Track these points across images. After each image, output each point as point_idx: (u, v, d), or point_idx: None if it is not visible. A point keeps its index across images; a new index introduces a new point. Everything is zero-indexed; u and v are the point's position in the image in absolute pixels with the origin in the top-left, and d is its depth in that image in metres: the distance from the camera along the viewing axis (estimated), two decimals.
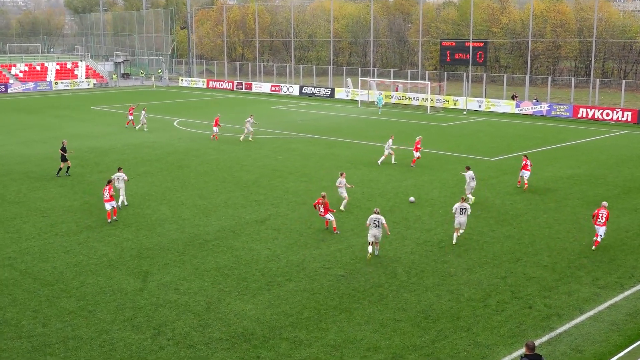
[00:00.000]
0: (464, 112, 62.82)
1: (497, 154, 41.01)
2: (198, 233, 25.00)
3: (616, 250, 23.24)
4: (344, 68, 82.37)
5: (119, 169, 28.72)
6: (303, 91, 79.13)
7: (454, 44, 70.42)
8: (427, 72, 76.22)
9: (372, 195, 30.41)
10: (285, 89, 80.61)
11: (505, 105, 62.96)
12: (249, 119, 45.44)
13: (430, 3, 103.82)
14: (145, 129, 49.64)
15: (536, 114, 60.91)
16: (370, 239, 21.98)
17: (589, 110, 58.39)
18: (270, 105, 68.74)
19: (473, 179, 29.07)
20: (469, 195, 28.88)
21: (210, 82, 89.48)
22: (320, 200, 24.75)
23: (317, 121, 56.31)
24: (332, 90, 76.41)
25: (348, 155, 40.11)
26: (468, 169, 29.36)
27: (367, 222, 22.06)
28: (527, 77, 66.95)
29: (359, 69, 79.83)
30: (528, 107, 61.63)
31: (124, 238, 24.44)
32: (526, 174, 31.64)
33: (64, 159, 34.26)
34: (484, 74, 69.19)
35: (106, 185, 26.11)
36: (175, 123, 53.71)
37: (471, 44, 67.64)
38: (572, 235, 24.81)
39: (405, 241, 24.08)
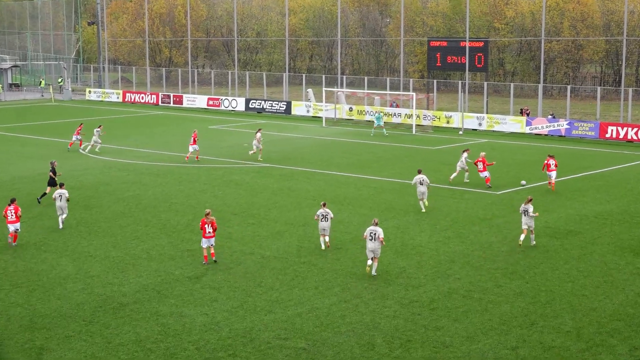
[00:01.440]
0: (460, 133, 63.52)
1: (503, 187, 41.42)
2: (111, 294, 24.68)
3: None
4: (304, 76, 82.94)
5: (61, 185, 32.51)
6: (250, 106, 79.29)
7: (445, 43, 71.43)
8: (411, 80, 77.00)
9: (342, 241, 30.43)
10: (226, 102, 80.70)
11: (513, 123, 63.83)
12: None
13: None
14: (97, 149, 52.06)
15: (552, 133, 61.82)
16: (369, 254, 26.15)
17: (619, 128, 59.43)
18: (207, 125, 68.65)
19: (422, 183, 34.89)
20: (424, 201, 35.21)
21: (128, 95, 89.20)
22: (205, 220, 26.96)
23: (268, 145, 56.35)
24: (288, 105, 76.75)
25: (310, 190, 40.15)
26: (419, 172, 35.44)
27: (365, 234, 26.39)
28: (540, 86, 67.86)
29: (323, 76, 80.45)
30: (542, 126, 62.54)
31: (11, 303, 24.00)
32: (553, 174, 39.25)
33: (52, 183, 36.51)
34: (485, 83, 70.08)
35: (9, 205, 29.25)
36: (81, 149, 53.28)
37: (467, 44, 68.61)
38: (602, 291, 25.05)
39: (385, 301, 24.05)
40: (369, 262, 26.23)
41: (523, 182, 40.45)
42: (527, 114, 65.53)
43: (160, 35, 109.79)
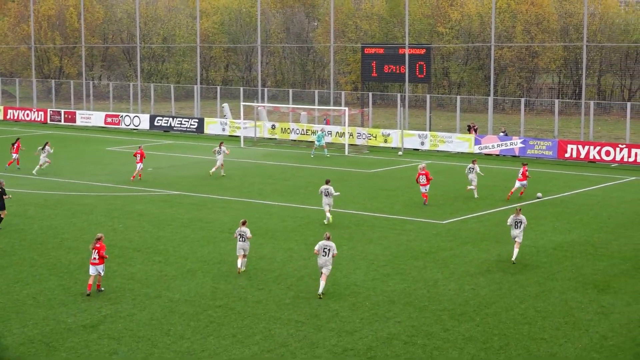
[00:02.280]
0: (399, 153, 64.01)
1: (449, 215, 41.79)
2: None
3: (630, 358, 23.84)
4: (218, 88, 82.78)
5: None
6: (155, 123, 78.86)
7: (381, 51, 71.99)
8: (343, 92, 77.41)
9: (264, 281, 30.31)
10: (127, 120, 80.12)
11: (460, 142, 64.56)
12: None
13: None
14: (43, 166, 53.73)
15: (505, 153, 62.70)
16: (320, 269, 28.28)
17: (580, 147, 60.52)
18: (104, 146, 68.05)
19: (327, 195, 38.49)
20: (328, 214, 38.80)
21: (10, 112, 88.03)
22: (95, 245, 28.56)
23: (177, 169, 56.03)
24: (201, 122, 76.53)
25: (225, 221, 39.97)
26: (327, 182, 39.02)
27: (316, 248, 28.53)
28: (491, 99, 68.70)
29: (241, 88, 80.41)
30: (493, 144, 63.36)
31: None
32: (523, 183, 44.71)
33: (1, 206, 37.96)
34: (428, 96, 70.64)
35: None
36: (18, 167, 53.14)
37: (407, 51, 69.24)
38: (563, 333, 25.33)
39: (315, 350, 24.00)
40: (322, 284, 28.31)
41: (539, 194, 45.81)
42: (475, 131, 66.23)
43: (49, 42, 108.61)
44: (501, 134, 64.91)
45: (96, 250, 28.50)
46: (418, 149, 65.51)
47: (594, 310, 27.32)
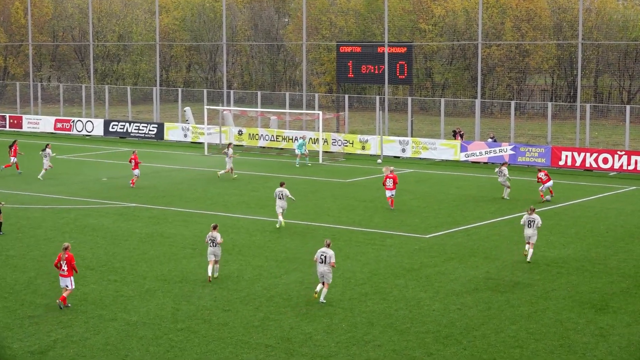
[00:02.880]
0: (378, 161, 64.09)
1: (433, 228, 41.91)
2: None
3: None
4: (180, 90, 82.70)
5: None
6: (110, 129, 78.73)
7: (358, 49, 72.17)
8: (316, 95, 77.39)
9: (230, 301, 30.32)
10: (79, 125, 79.92)
11: (445, 149, 64.78)
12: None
13: None
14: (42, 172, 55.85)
15: (493, 161, 62.81)
16: (320, 278, 29.87)
17: (575, 154, 60.83)
18: (54, 153, 67.79)
19: (281, 198, 40.84)
20: (280, 218, 40.77)
21: None
22: (61, 255, 29.01)
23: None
24: (160, 127, 76.46)
25: (187, 236, 39.96)
26: (282, 185, 41.48)
27: (315, 256, 30.06)
28: (478, 101, 68.88)
29: (205, 91, 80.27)
30: (480, 151, 63.59)
31: None
32: (548, 185, 47.76)
33: None
34: (409, 98, 70.85)
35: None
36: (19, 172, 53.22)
37: (387, 50, 69.46)
38: (558, 357, 25.46)
39: None
40: (319, 287, 29.88)
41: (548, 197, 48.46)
42: (462, 137, 66.43)
43: None
44: (490, 139, 65.11)
45: (65, 262, 29.08)
46: (399, 157, 65.66)
47: (591, 331, 27.38)
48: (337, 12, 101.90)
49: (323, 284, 29.89)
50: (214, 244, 32.52)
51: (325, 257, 29.73)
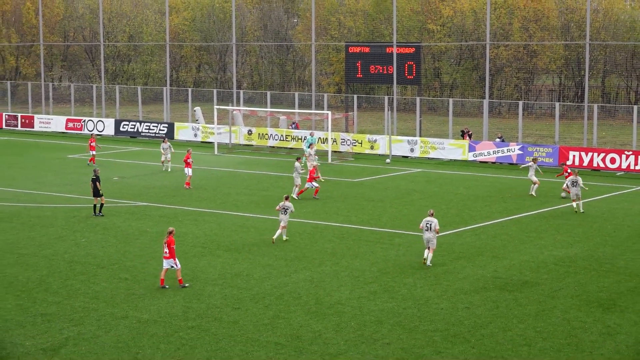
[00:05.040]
0: (387, 161, 64.04)
1: (441, 228, 41.64)
2: None
3: None
4: (190, 90, 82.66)
5: None
6: (121, 128, 78.73)
7: (367, 49, 72.06)
8: (325, 95, 77.26)
9: (240, 300, 30.32)
10: (90, 125, 79.94)
11: (453, 149, 64.67)
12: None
13: None
14: (169, 169, 58.53)
15: (501, 160, 62.85)
16: (425, 244, 34.32)
17: (583, 154, 60.72)
18: (66, 153, 67.87)
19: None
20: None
21: None
22: (166, 239, 31.45)
23: (146, 179, 55.93)
24: (171, 127, 76.43)
25: (198, 235, 39.98)
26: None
27: (421, 224, 34.42)
28: (486, 102, 68.75)
29: (215, 91, 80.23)
30: (488, 151, 63.51)
31: None
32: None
33: (96, 193, 42.70)
34: (418, 98, 70.68)
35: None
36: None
37: (395, 50, 69.39)
38: (565, 356, 25.45)
39: None
40: (425, 252, 34.34)
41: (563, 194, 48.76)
42: (470, 136, 66.35)
43: (4, 40, 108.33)
44: (497, 139, 65.03)
45: (166, 244, 31.50)
46: (407, 156, 65.57)
47: (598, 330, 27.41)
48: (346, 13, 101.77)
49: (429, 248, 34.13)
50: (285, 212, 37.81)
51: (430, 224, 34.04)
